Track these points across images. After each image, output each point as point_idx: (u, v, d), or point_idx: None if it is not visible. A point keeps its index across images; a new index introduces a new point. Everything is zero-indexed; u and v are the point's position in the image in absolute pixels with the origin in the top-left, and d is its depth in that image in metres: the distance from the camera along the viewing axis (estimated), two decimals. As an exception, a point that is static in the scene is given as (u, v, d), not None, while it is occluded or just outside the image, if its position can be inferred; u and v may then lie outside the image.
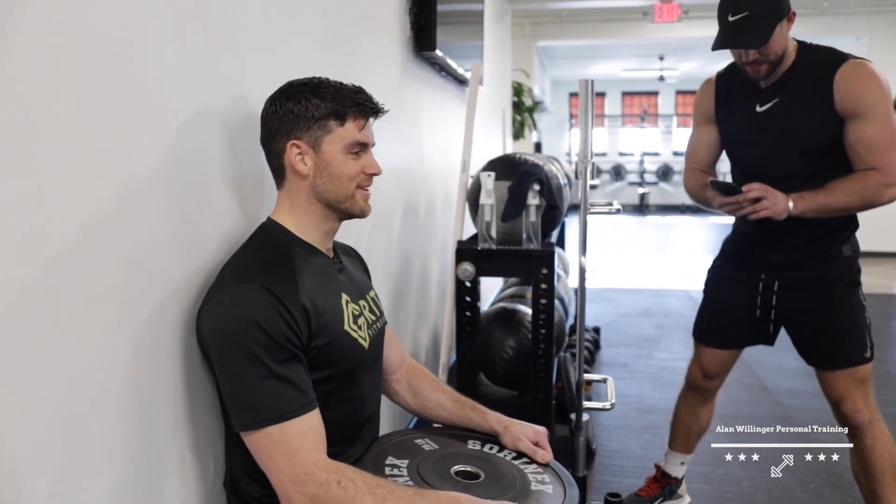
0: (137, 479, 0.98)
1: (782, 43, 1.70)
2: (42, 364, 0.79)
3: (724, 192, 1.75)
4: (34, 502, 0.78)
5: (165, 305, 1.03)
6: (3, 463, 0.74)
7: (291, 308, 1.03)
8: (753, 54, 1.70)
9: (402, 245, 2.44)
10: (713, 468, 2.47)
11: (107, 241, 0.90)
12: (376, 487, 0.99)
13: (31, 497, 0.78)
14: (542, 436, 1.32)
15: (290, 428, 1.00)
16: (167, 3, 1.03)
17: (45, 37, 0.79)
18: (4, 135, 0.74)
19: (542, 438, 1.32)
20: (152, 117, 1.00)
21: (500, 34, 5.35)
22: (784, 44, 1.71)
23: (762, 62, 1.71)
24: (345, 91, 1.14)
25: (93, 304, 0.88)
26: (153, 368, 1.01)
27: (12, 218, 0.75)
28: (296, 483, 0.98)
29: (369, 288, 1.32)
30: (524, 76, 6.77)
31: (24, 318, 0.77)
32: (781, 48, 1.70)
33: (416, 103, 2.62)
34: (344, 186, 1.15)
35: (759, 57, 1.70)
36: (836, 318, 1.81)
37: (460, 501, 1.01)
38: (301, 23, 1.54)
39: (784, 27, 1.69)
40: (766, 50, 1.68)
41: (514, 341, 2.18)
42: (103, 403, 0.90)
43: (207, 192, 1.17)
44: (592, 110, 1.93)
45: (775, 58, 1.71)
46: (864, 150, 1.69)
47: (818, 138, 1.73)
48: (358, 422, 1.21)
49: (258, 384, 0.99)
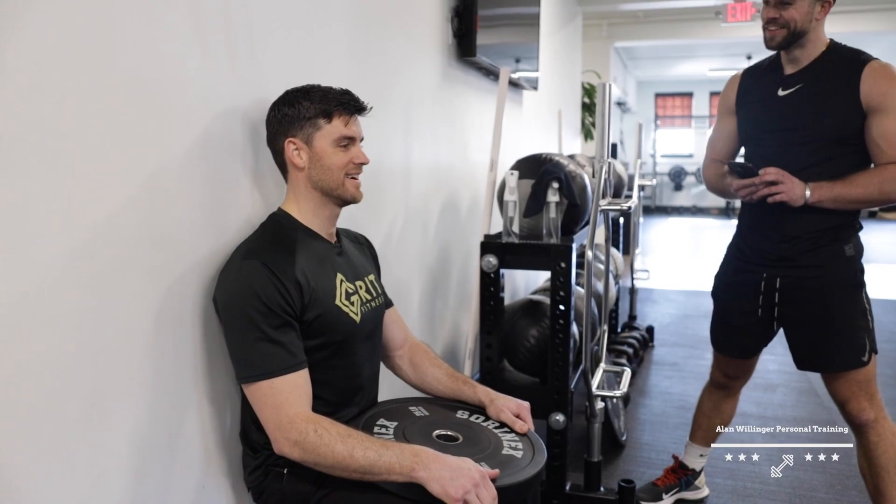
0: (159, 419, 1.19)
1: (805, 18, 1.72)
2: (78, 318, 1.01)
3: (741, 174, 1.79)
4: (67, 420, 1.00)
5: (188, 277, 1.25)
6: (43, 384, 0.96)
7: (286, 282, 1.21)
8: (774, 12, 1.73)
9: (439, 238, 2.60)
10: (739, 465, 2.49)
11: (135, 222, 1.12)
12: (347, 437, 1.16)
13: (64, 417, 0.99)
14: (523, 408, 1.46)
15: (278, 384, 1.18)
16: (190, 24, 1.24)
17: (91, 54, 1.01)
18: (53, 128, 0.96)
19: (523, 411, 1.46)
20: (178, 118, 1.21)
21: (569, 36, 5.42)
22: (807, 23, 1.72)
23: (780, 25, 1.73)
24: (331, 93, 1.32)
25: (122, 272, 1.09)
26: (175, 329, 1.22)
27: (55, 200, 0.97)
28: (281, 430, 1.17)
29: (370, 272, 1.49)
30: (596, 77, 6.77)
31: (63, 283, 0.99)
32: (802, 23, 1.72)
33: (459, 106, 2.77)
34: (335, 175, 1.33)
35: (778, 17, 1.73)
36: (834, 321, 1.81)
37: (420, 453, 1.16)
38: (326, 35, 1.73)
39: (815, 9, 1.72)
40: (787, 12, 1.71)
41: (536, 331, 2.30)
42: (129, 350, 1.12)
43: (233, 184, 1.38)
44: (609, 113, 2.03)
45: (793, 27, 1.72)
46: (887, 144, 1.70)
47: (836, 126, 1.74)
48: (352, 387, 1.38)
49: (254, 345, 1.18)
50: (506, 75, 2.21)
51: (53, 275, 0.97)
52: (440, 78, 2.54)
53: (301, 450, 1.15)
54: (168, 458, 1.22)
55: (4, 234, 0.90)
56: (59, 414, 0.99)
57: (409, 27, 2.26)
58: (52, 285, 0.97)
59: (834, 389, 1.85)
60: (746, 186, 1.77)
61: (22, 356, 0.93)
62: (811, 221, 1.78)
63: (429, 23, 2.42)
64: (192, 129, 1.25)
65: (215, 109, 1.31)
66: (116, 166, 1.08)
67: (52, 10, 0.95)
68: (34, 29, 0.92)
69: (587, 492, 2.21)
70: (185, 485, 1.26)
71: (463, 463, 1.16)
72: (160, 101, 1.17)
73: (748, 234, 1.95)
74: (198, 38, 1.25)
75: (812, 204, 1.73)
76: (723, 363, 2.10)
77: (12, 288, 0.91)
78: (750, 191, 1.77)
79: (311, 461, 1.16)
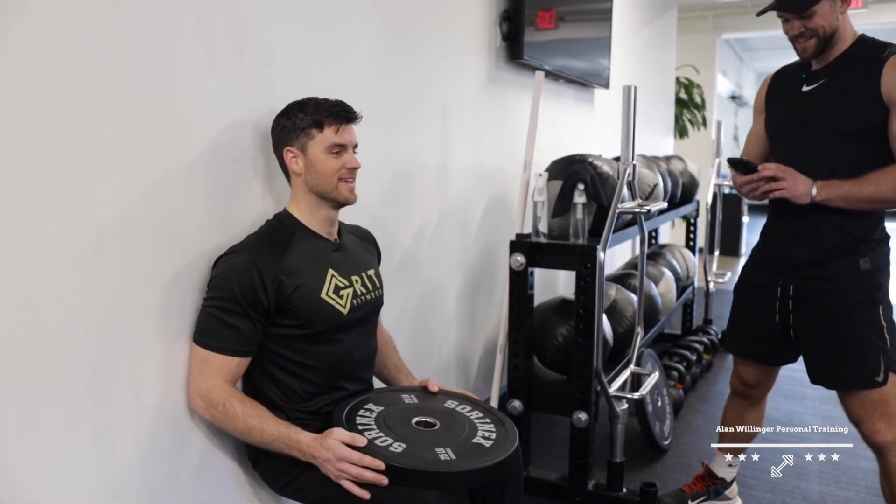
0: (166, 388, 1.37)
1: (831, 20, 1.68)
2: (87, 298, 1.21)
3: (743, 171, 1.76)
4: (76, 381, 1.19)
5: (194, 266, 1.42)
6: (53, 351, 1.16)
7: (265, 279, 1.37)
8: (798, 26, 1.70)
9: (483, 237, 2.69)
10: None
11: (144, 218, 1.30)
12: (249, 418, 1.35)
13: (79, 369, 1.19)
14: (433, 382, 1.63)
15: (212, 358, 1.36)
16: (201, 47, 1.41)
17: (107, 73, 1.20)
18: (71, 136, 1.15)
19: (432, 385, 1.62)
20: (189, 129, 1.39)
21: (659, 30, 5.28)
22: (834, 22, 1.68)
23: (809, 36, 1.70)
24: (324, 105, 1.45)
25: (129, 260, 1.28)
26: (180, 308, 1.39)
27: (71, 198, 1.16)
28: (198, 392, 1.37)
29: (370, 266, 1.62)
30: (694, 72, 6.53)
31: (75, 267, 1.18)
32: (830, 25, 1.68)
33: (512, 107, 2.83)
34: (328, 180, 1.46)
35: (804, 30, 1.69)
36: (845, 337, 1.73)
37: (300, 444, 1.33)
38: (349, 43, 1.86)
39: (836, 6, 1.68)
40: (812, 23, 1.67)
41: (565, 329, 2.33)
42: (134, 326, 1.30)
43: (243, 187, 1.55)
44: (634, 115, 2.04)
45: (823, 34, 1.69)
46: None
47: (857, 121, 1.68)
48: (337, 372, 1.51)
49: (210, 318, 1.37)
50: (540, 78, 2.26)
51: (67, 260, 1.17)
52: (486, 80, 2.62)
53: (209, 415, 1.38)
54: (175, 424, 1.40)
55: (27, 226, 1.09)
56: (64, 378, 1.18)
57: (448, 32, 2.36)
58: (65, 269, 1.16)
59: (846, 408, 1.77)
60: (748, 183, 1.73)
61: (37, 327, 1.13)
62: (828, 228, 1.72)
63: (472, 27, 2.50)
64: (201, 139, 1.42)
65: (225, 121, 1.47)
66: (127, 170, 1.26)
67: (71, 35, 1.14)
68: (58, 52, 1.11)
69: (609, 491, 2.23)
70: (192, 449, 1.44)
71: (324, 451, 1.30)
72: (169, 114, 1.34)
73: (769, 235, 1.90)
74: (208, 60, 1.42)
75: (820, 202, 1.67)
76: (740, 369, 2.04)
77: (31, 269, 1.11)
78: (752, 187, 1.74)
79: (218, 426, 1.39)
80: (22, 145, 1.08)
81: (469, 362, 2.70)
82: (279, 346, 1.45)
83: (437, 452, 1.34)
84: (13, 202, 1.08)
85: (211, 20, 1.43)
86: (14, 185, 1.08)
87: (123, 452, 1.29)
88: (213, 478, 1.50)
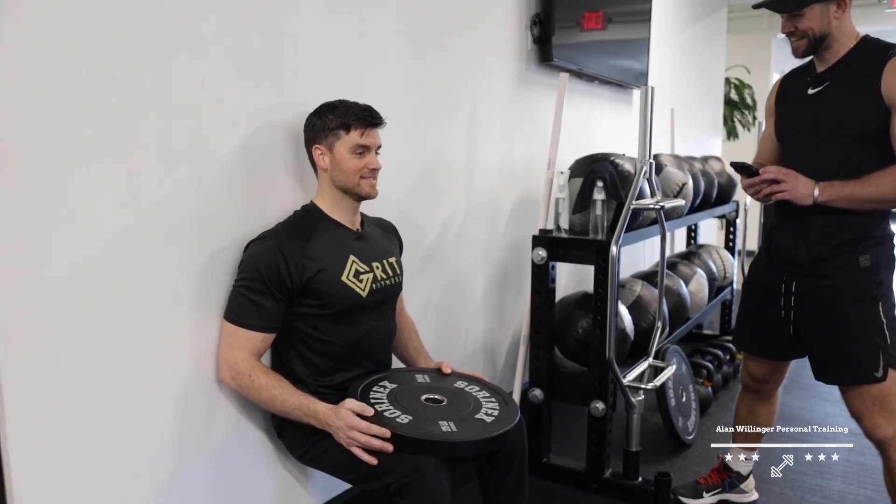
0: (200, 361, 1.53)
1: (821, 24, 1.72)
2: (130, 276, 1.37)
3: (746, 174, 1.81)
4: (120, 352, 1.36)
5: (229, 249, 1.58)
6: (100, 324, 1.33)
7: (290, 262, 1.51)
8: (789, 26, 1.76)
9: (511, 232, 2.79)
10: (810, 477, 2.43)
11: (182, 207, 1.46)
12: (272, 388, 1.49)
13: (122, 338, 1.36)
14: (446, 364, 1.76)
15: (239, 332, 1.51)
16: (237, 56, 1.57)
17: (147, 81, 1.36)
18: (118, 134, 1.32)
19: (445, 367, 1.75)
20: (224, 130, 1.55)
21: (707, 29, 5.25)
22: (825, 26, 1.73)
23: (800, 36, 1.75)
24: (353, 109, 1.59)
25: (169, 244, 1.44)
26: (214, 288, 1.55)
27: (116, 188, 1.33)
28: (226, 363, 1.52)
29: (391, 254, 1.75)
30: (745, 72, 6.44)
31: (119, 250, 1.35)
32: (820, 28, 1.73)
33: (544, 107, 2.91)
34: (351, 178, 1.60)
35: (794, 29, 1.75)
36: (844, 334, 1.76)
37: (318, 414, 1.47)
38: (378, 47, 2.00)
39: (829, 11, 1.72)
40: (801, 24, 1.73)
41: (585, 322, 2.41)
42: (173, 302, 1.47)
43: (274, 181, 1.70)
44: (651, 115, 2.11)
45: (812, 35, 1.74)
46: None
47: (860, 123, 1.71)
48: (356, 352, 1.65)
49: (239, 297, 1.52)
50: (564, 80, 2.34)
51: (113, 243, 1.33)
52: (516, 82, 2.72)
53: (236, 384, 1.52)
54: (206, 393, 1.56)
55: (81, 214, 1.26)
56: (112, 346, 1.35)
57: (478, 36, 2.47)
58: (110, 251, 1.33)
59: (847, 403, 1.81)
60: (751, 185, 1.78)
61: (90, 302, 1.30)
62: (830, 227, 1.75)
63: (503, 31, 2.61)
64: (236, 137, 1.58)
65: (258, 123, 1.63)
66: (169, 164, 1.43)
67: (120, 45, 1.31)
68: (107, 59, 1.29)
69: (625, 480, 2.30)
70: (221, 417, 1.60)
71: (337, 419, 1.43)
72: (208, 114, 1.50)
73: (774, 234, 1.94)
74: (242, 63, 1.58)
75: (822, 203, 1.71)
76: (749, 364, 2.09)
77: (86, 253, 1.28)
78: (755, 189, 1.78)
79: (244, 395, 1.52)
80: (77, 143, 1.25)
81: (497, 353, 2.81)
82: (303, 325, 1.59)
83: (440, 425, 1.46)
84: (69, 192, 1.25)
85: (244, 26, 1.58)
86: (70, 177, 1.25)
87: (160, 416, 1.46)
88: (242, 445, 1.66)
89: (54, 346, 1.25)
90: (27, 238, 1.19)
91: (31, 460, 1.22)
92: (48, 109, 1.21)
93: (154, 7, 1.37)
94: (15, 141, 1.16)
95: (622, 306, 2.57)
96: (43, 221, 1.21)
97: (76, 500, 1.31)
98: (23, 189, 1.17)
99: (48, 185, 1.21)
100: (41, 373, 1.23)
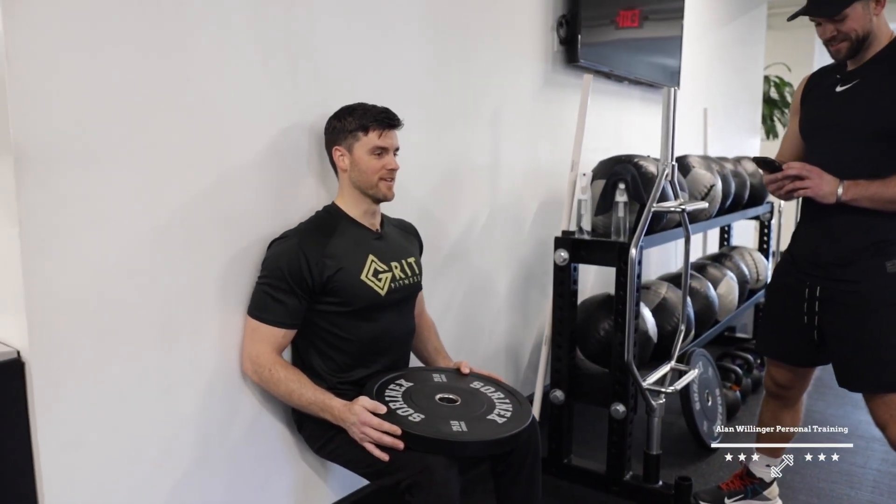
0: (224, 354, 1.58)
1: (864, 22, 1.69)
2: (155, 273, 1.43)
3: (769, 170, 1.78)
4: (148, 337, 1.42)
5: (252, 248, 1.63)
6: (126, 318, 1.39)
7: (311, 260, 1.55)
8: (831, 30, 1.71)
9: (536, 232, 2.80)
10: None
11: (207, 207, 1.52)
12: (291, 382, 1.54)
13: (147, 333, 1.42)
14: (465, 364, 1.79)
15: (262, 328, 1.56)
16: (259, 60, 1.61)
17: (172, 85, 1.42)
18: (146, 137, 1.37)
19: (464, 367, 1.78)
20: (247, 132, 1.59)
21: (744, 27, 5.16)
22: (867, 24, 1.69)
23: (841, 39, 1.71)
24: (371, 111, 1.62)
25: (194, 242, 1.50)
26: (237, 284, 1.60)
27: (143, 189, 1.39)
28: (249, 357, 1.57)
29: (410, 255, 1.78)
30: (786, 70, 6.29)
31: (146, 248, 1.40)
32: (863, 28, 1.69)
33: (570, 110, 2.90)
34: (369, 178, 1.64)
35: (836, 33, 1.71)
36: (869, 340, 1.72)
37: (332, 410, 1.52)
38: (399, 48, 2.03)
39: (870, 8, 1.68)
40: (844, 26, 1.69)
41: (607, 323, 2.41)
42: (197, 299, 1.52)
43: (298, 181, 1.74)
44: (674, 117, 2.09)
45: (856, 36, 1.70)
46: None
47: (886, 121, 1.68)
48: (373, 350, 1.68)
49: (262, 294, 1.57)
50: (588, 81, 2.34)
51: (139, 242, 1.39)
52: (541, 83, 2.72)
53: (258, 377, 1.56)
54: (228, 386, 1.61)
55: (108, 214, 1.32)
56: (137, 340, 1.41)
57: (503, 37, 2.48)
58: (138, 250, 1.39)
59: (872, 411, 1.77)
60: (774, 181, 1.76)
61: (117, 298, 1.36)
62: (855, 227, 1.72)
63: (528, 33, 2.61)
64: (261, 139, 1.63)
65: (281, 125, 1.67)
66: (194, 166, 1.48)
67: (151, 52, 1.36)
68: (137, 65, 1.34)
69: (645, 483, 2.29)
70: (243, 410, 1.65)
71: (351, 415, 1.48)
72: (232, 117, 1.55)
73: (799, 234, 1.92)
74: (265, 68, 1.62)
75: (846, 202, 1.68)
76: (772, 370, 2.06)
77: (113, 250, 1.34)
78: (777, 186, 1.76)
79: (264, 388, 1.57)
80: (105, 145, 1.31)
81: (520, 353, 2.82)
82: (323, 322, 1.63)
83: (452, 424, 1.48)
84: (97, 193, 1.31)
85: (266, 31, 1.62)
86: (98, 178, 1.31)
87: (183, 408, 1.51)
88: (263, 438, 1.71)
89: (81, 341, 1.31)
90: (57, 238, 1.25)
91: (58, 450, 1.28)
92: (76, 113, 1.26)
93: (178, 12, 1.42)
94: (45, 144, 1.22)
95: (645, 308, 2.55)
96: (72, 222, 1.27)
97: (101, 489, 1.37)
98: (52, 190, 1.24)
99: (77, 187, 1.27)
100: (70, 368, 1.29)
